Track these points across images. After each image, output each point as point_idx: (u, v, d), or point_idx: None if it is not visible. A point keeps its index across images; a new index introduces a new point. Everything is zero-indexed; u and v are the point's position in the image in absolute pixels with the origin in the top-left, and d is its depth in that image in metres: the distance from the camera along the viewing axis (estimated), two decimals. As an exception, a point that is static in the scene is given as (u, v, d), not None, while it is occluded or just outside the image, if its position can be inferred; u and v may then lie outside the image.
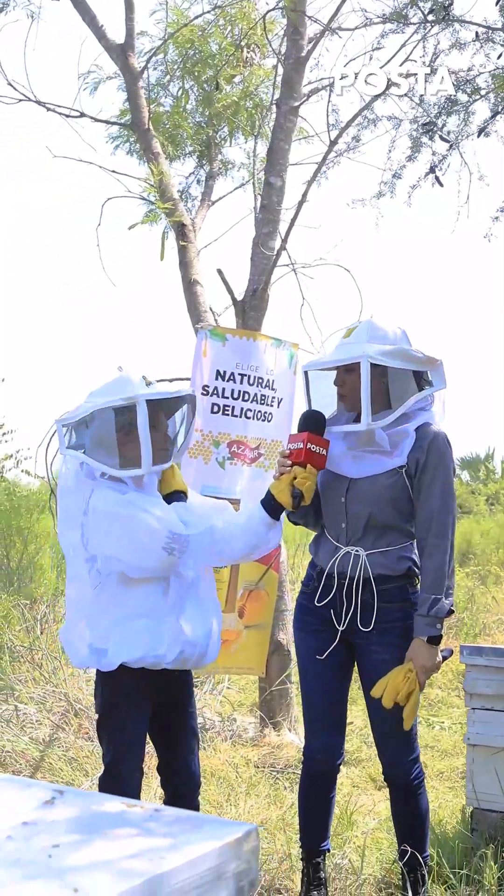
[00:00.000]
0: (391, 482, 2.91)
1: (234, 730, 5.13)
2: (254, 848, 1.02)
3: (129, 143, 6.36)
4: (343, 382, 2.97)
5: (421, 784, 2.99)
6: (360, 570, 2.91)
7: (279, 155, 4.96)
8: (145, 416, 2.73)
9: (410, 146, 4.01)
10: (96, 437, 2.81)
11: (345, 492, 2.95)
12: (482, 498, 19.31)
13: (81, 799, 1.12)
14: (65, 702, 4.58)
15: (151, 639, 2.75)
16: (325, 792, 3.07)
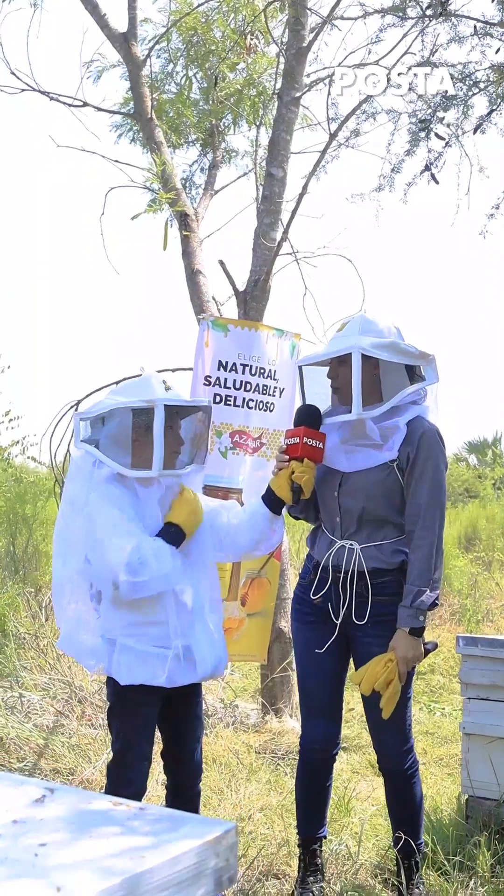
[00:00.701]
0: (383, 476, 2.95)
1: (236, 716, 5.19)
2: (232, 845, 1.06)
3: (133, 132, 6.38)
4: (336, 375, 3.01)
5: (415, 773, 3.04)
6: (355, 563, 2.96)
7: (280, 146, 4.97)
8: (162, 419, 2.79)
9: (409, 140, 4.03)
10: (112, 435, 2.87)
11: (338, 486, 3.00)
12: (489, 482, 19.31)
13: (71, 797, 1.17)
14: (68, 689, 4.65)
15: (158, 667, 2.82)
16: (321, 780, 3.13)
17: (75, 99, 5.82)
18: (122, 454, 2.86)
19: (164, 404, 2.80)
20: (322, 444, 2.95)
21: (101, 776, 3.68)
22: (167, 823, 1.07)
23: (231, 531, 2.99)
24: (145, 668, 2.83)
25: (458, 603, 8.60)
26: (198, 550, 2.99)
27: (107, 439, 2.88)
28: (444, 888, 2.99)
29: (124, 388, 2.98)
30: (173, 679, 2.84)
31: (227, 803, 3.94)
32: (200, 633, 2.90)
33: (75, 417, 2.97)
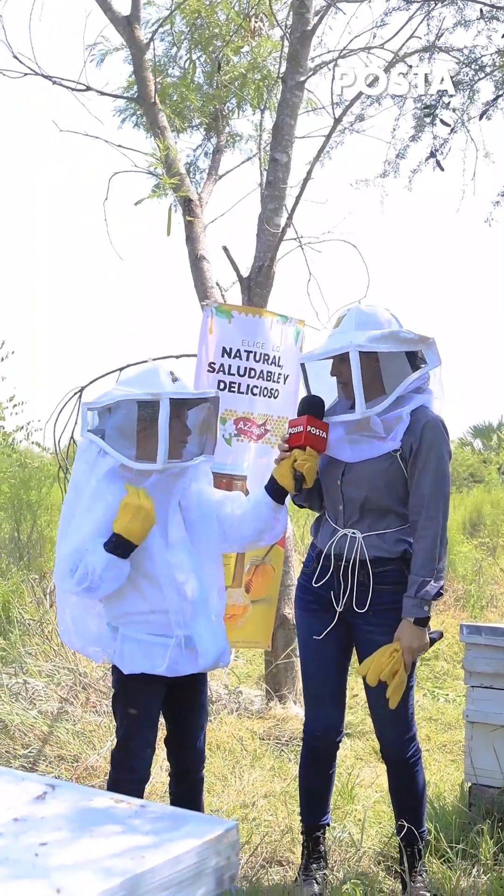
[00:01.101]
0: (385, 466, 2.94)
1: (240, 702, 5.20)
2: (234, 843, 1.06)
3: (136, 116, 6.34)
4: (339, 372, 3.01)
5: (417, 762, 3.04)
6: (357, 552, 2.95)
7: (284, 131, 4.93)
8: (167, 413, 2.78)
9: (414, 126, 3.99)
10: (117, 427, 2.88)
11: (340, 475, 2.99)
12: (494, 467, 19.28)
13: (72, 793, 1.16)
14: (73, 675, 4.66)
15: (159, 656, 2.83)
16: (324, 768, 3.14)
17: (78, 83, 5.77)
18: (126, 446, 2.86)
19: (169, 398, 2.80)
20: (325, 434, 2.95)
21: (105, 763, 3.69)
22: (168, 822, 1.07)
23: (235, 522, 3.00)
24: (146, 657, 2.84)
25: (462, 589, 8.60)
26: (203, 541, 2.99)
27: (112, 430, 2.89)
28: (446, 876, 3.00)
29: (132, 379, 2.98)
30: (174, 668, 2.84)
31: (230, 790, 3.96)
32: (203, 624, 2.90)
33: (83, 407, 2.98)
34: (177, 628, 2.85)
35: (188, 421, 2.99)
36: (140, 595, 2.87)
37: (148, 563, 2.87)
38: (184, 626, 2.86)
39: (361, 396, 2.88)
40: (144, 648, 2.85)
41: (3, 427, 8.97)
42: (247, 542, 3.06)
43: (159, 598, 2.86)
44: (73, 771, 3.70)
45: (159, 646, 2.85)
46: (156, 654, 2.85)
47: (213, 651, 2.91)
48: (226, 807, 3.77)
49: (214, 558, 3.04)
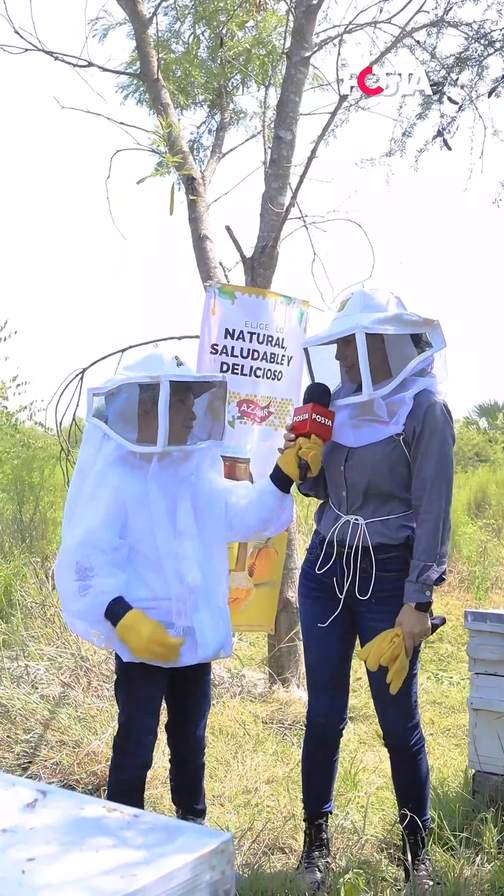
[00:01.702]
0: (389, 450, 2.91)
1: (243, 685, 5.19)
2: (229, 856, 1.02)
3: (139, 93, 6.24)
4: (344, 356, 2.97)
5: (421, 750, 3.02)
6: (359, 538, 2.92)
7: (289, 108, 4.85)
8: (167, 396, 2.76)
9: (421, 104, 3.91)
10: (119, 411, 2.87)
11: (344, 461, 2.96)
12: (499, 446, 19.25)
13: (64, 801, 1.13)
14: (75, 659, 4.64)
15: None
16: (327, 755, 3.11)
17: (80, 59, 5.67)
18: (128, 429, 2.85)
19: (169, 380, 2.77)
20: (331, 422, 2.91)
21: (107, 748, 3.68)
22: (161, 834, 1.03)
23: (240, 511, 2.97)
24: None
25: (466, 570, 8.58)
26: (211, 529, 2.96)
27: (114, 414, 2.88)
28: (450, 864, 2.98)
29: (135, 364, 2.98)
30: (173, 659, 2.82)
31: (233, 774, 3.94)
32: (205, 615, 2.88)
33: (88, 392, 2.97)
34: (178, 618, 2.82)
35: (195, 406, 2.96)
36: (143, 583, 2.85)
37: (153, 552, 2.84)
38: (185, 617, 2.83)
39: (368, 378, 2.84)
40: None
41: (6, 407, 8.93)
42: (252, 532, 3.03)
43: (162, 586, 2.83)
44: (74, 756, 3.68)
45: None
46: None
47: (214, 642, 2.88)
48: (228, 792, 3.76)
49: (221, 546, 3.01)
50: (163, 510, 2.83)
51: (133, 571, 2.84)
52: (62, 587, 2.84)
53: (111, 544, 2.78)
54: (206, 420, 3.03)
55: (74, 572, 2.75)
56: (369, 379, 2.83)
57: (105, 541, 2.76)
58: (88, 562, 2.73)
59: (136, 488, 2.83)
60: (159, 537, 2.82)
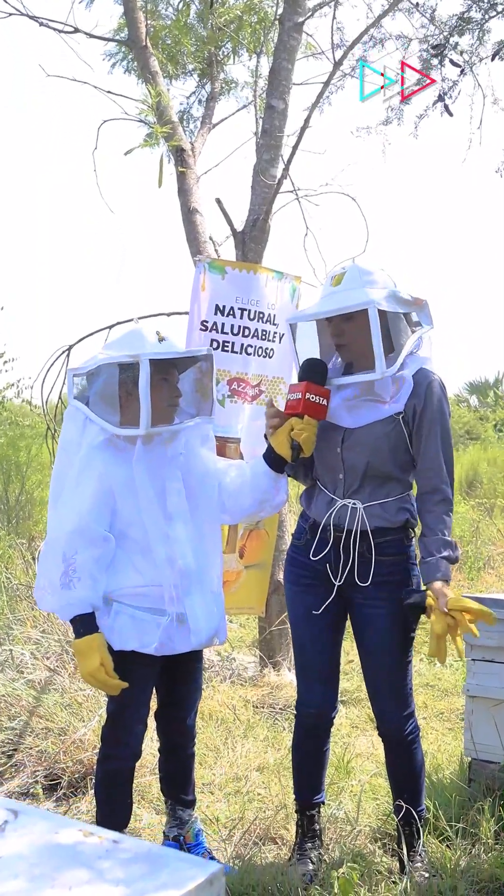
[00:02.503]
0: (389, 430, 2.81)
1: (233, 668, 5.10)
2: (219, 888, 0.92)
3: (127, 61, 6.07)
4: (342, 332, 2.83)
5: (416, 739, 2.93)
6: (358, 523, 2.82)
7: (282, 76, 4.69)
8: (147, 375, 2.64)
9: (420, 68, 3.76)
10: (100, 392, 2.76)
11: (340, 442, 2.84)
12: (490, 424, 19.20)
13: (37, 824, 1.02)
14: (61, 644, 4.54)
15: (150, 634, 2.73)
16: (318, 745, 3.02)
17: (66, 25, 5.50)
18: (109, 411, 2.73)
19: (148, 359, 2.65)
20: (326, 401, 2.78)
21: (94, 736, 3.58)
22: (144, 865, 0.92)
23: (234, 492, 2.86)
24: (138, 634, 2.73)
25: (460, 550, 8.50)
26: (203, 510, 2.85)
27: (95, 396, 2.76)
28: (446, 856, 2.90)
29: (115, 342, 2.86)
30: (166, 647, 2.73)
31: (223, 761, 3.86)
32: (198, 601, 2.78)
33: (69, 373, 2.83)
34: (170, 605, 2.73)
35: (180, 382, 2.85)
36: (134, 568, 2.75)
37: (142, 536, 2.74)
38: (177, 603, 2.73)
39: (382, 356, 2.72)
40: (136, 625, 2.74)
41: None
42: (246, 514, 2.92)
43: (153, 572, 2.74)
44: (60, 744, 3.59)
45: (151, 623, 2.73)
46: (147, 632, 2.73)
47: (207, 629, 2.79)
48: (218, 780, 3.67)
49: (214, 528, 2.91)
50: (150, 493, 2.73)
51: (124, 557, 2.75)
52: (45, 573, 2.75)
53: (100, 535, 2.68)
54: (194, 396, 2.91)
55: (62, 562, 2.66)
56: (382, 357, 2.72)
57: (93, 532, 2.67)
58: (74, 557, 2.65)
59: (122, 472, 2.72)
60: (148, 522, 2.72)
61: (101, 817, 2.86)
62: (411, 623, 2.86)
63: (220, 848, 3.12)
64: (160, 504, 2.75)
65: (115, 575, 2.75)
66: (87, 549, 2.66)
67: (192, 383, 2.92)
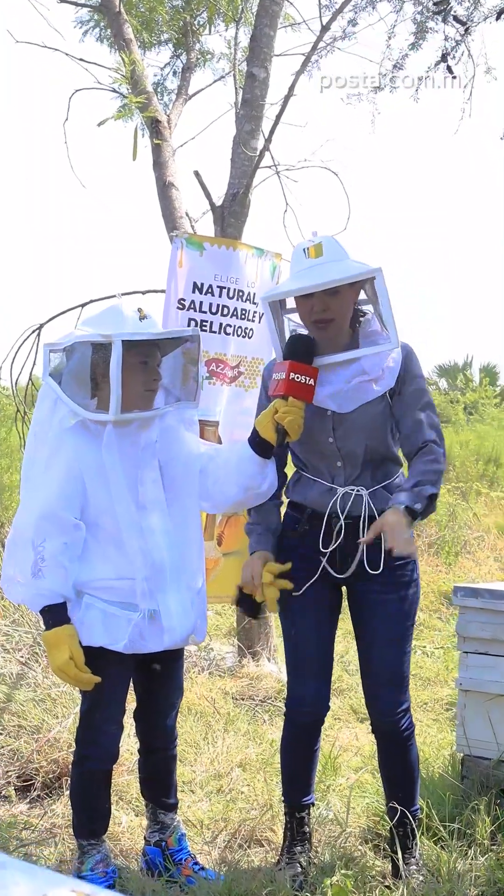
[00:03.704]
0: (381, 409, 2.68)
1: (210, 659, 4.95)
2: None
3: (100, 28, 5.84)
4: (326, 307, 2.65)
5: (412, 735, 2.80)
6: (366, 509, 2.67)
7: (263, 43, 4.50)
8: (119, 357, 2.47)
9: (414, 32, 3.57)
10: (73, 371, 2.57)
11: (331, 430, 2.68)
12: (460, 407, 19.15)
13: (21, 881, 0.85)
14: (33, 636, 4.36)
15: (120, 630, 2.58)
16: (309, 744, 2.88)
17: (35, -11, 5.26)
18: (81, 393, 2.55)
19: (122, 340, 2.46)
20: (313, 381, 2.59)
21: (69, 735, 3.41)
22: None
23: (219, 479, 2.69)
24: (107, 629, 2.57)
25: (435, 534, 8.40)
26: (183, 499, 2.68)
27: (68, 375, 2.57)
28: (442, 858, 2.77)
29: (93, 318, 2.67)
30: (136, 645, 2.57)
31: (203, 758, 3.71)
32: (173, 597, 2.61)
33: (45, 349, 2.64)
34: (142, 600, 2.56)
35: (162, 364, 2.67)
36: (106, 559, 2.58)
37: (113, 526, 2.56)
38: (150, 599, 2.57)
39: (394, 325, 2.59)
40: (106, 620, 2.57)
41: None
42: (231, 502, 2.74)
43: (126, 564, 2.57)
44: (33, 743, 3.41)
45: (122, 619, 2.57)
46: (117, 628, 2.57)
47: (182, 627, 2.63)
48: (198, 778, 3.52)
49: (196, 518, 2.74)
50: (122, 482, 2.55)
51: (96, 548, 2.58)
52: (13, 561, 2.60)
53: (69, 523, 2.52)
54: (176, 380, 2.73)
55: (31, 550, 2.50)
56: (395, 326, 2.59)
57: (62, 519, 2.52)
58: (43, 545, 2.49)
59: (93, 458, 2.55)
60: (119, 511, 2.55)
61: (78, 824, 2.70)
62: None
63: (205, 852, 2.97)
64: (132, 493, 2.58)
65: (86, 566, 2.59)
66: (55, 537, 2.51)
67: (175, 366, 2.74)
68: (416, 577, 2.78)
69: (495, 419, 16.72)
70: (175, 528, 2.66)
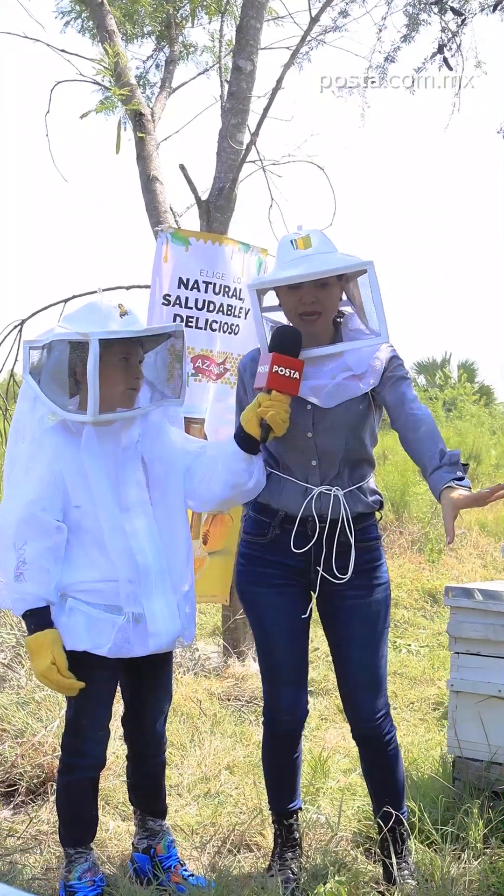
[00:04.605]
0: (363, 407, 2.63)
1: (196, 659, 4.90)
2: None
3: (81, 19, 5.76)
4: (315, 299, 2.59)
5: (394, 737, 2.74)
6: (342, 511, 2.62)
7: (250, 35, 4.43)
8: (96, 357, 2.39)
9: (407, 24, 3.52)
10: (51, 370, 2.50)
11: (311, 426, 2.61)
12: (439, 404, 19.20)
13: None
14: (15, 636, 4.28)
15: (103, 634, 2.52)
16: (290, 750, 2.81)
17: (15, -22, 5.18)
18: (59, 392, 2.48)
19: (98, 339, 2.39)
20: (299, 374, 2.51)
21: (54, 739, 3.34)
22: None
23: (206, 477, 2.62)
24: (91, 633, 2.51)
25: (418, 531, 8.39)
26: (170, 499, 2.62)
27: (46, 374, 2.50)
28: (435, 862, 2.73)
29: (73, 315, 2.59)
30: (120, 649, 2.51)
31: (190, 760, 3.65)
32: (159, 600, 2.55)
33: (24, 346, 2.58)
34: (127, 604, 2.50)
35: (146, 361, 2.60)
36: (90, 561, 2.52)
37: (96, 528, 2.50)
38: (134, 602, 2.50)
39: (385, 319, 2.54)
40: (91, 624, 2.51)
41: None
42: (218, 500, 2.66)
43: (110, 566, 2.50)
44: (17, 748, 3.34)
45: (106, 622, 2.51)
46: (101, 632, 2.51)
47: (168, 632, 2.56)
48: (185, 781, 3.47)
49: (182, 517, 2.67)
50: (103, 483, 2.49)
51: (80, 550, 2.52)
52: None
53: (50, 525, 2.47)
54: (160, 377, 2.66)
55: (13, 552, 2.45)
56: (385, 319, 2.54)
57: (43, 521, 2.46)
58: (24, 548, 2.43)
59: (73, 459, 2.49)
60: (101, 513, 2.49)
61: (64, 832, 2.63)
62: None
63: (194, 858, 2.92)
64: (114, 495, 2.51)
65: (70, 569, 2.53)
66: (36, 540, 2.45)
67: (159, 362, 2.67)
68: (386, 580, 2.73)
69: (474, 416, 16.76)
70: (161, 529, 2.60)
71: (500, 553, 8.01)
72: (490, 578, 7.54)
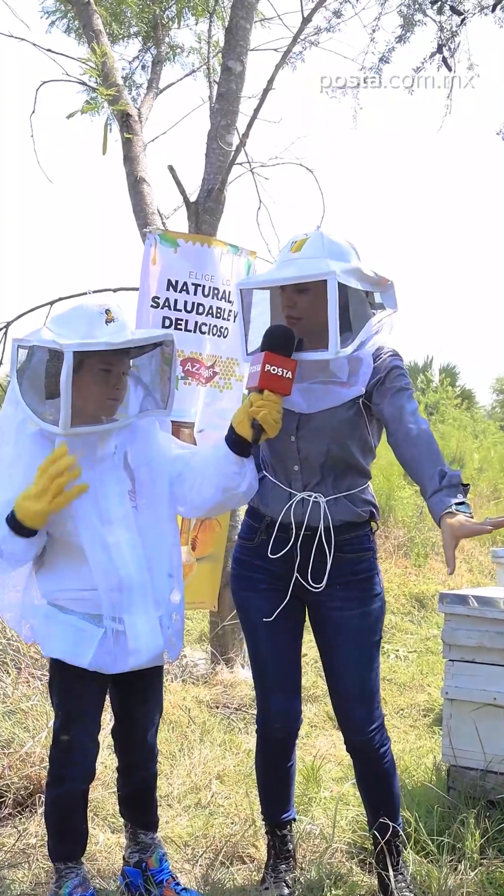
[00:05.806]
0: (350, 415, 2.55)
1: (183, 665, 4.84)
2: None
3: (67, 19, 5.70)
4: (294, 304, 2.53)
5: (388, 749, 2.69)
6: (323, 519, 2.56)
7: (239, 35, 4.39)
8: (69, 369, 2.29)
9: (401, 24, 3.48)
10: (31, 376, 2.43)
11: (295, 430, 2.56)
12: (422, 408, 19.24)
13: None
14: (2, 644, 4.21)
15: (84, 646, 2.45)
16: (284, 759, 2.76)
17: (1, -24, 5.12)
18: (36, 399, 2.41)
19: (73, 351, 2.30)
20: (291, 374, 2.44)
21: (43, 749, 3.28)
22: None
23: (197, 482, 2.54)
24: (72, 643, 2.45)
25: (404, 535, 8.36)
26: (156, 509, 2.54)
27: (26, 379, 2.43)
28: (432, 873, 2.69)
29: (59, 317, 2.49)
30: (100, 663, 2.44)
31: (180, 770, 3.59)
32: (141, 616, 2.46)
33: (13, 344, 2.49)
34: (108, 618, 2.44)
35: (128, 373, 2.51)
36: (73, 570, 2.45)
37: (76, 539, 2.43)
38: (115, 618, 2.44)
39: (336, 333, 2.40)
40: (74, 634, 2.45)
41: None
42: (210, 505, 2.58)
43: (92, 577, 2.44)
44: (4, 759, 3.27)
45: (88, 633, 2.44)
46: (83, 643, 2.44)
47: (149, 649, 2.48)
48: (176, 791, 3.41)
49: (170, 525, 2.60)
50: (82, 496, 2.40)
51: (62, 558, 2.47)
52: None
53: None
54: (150, 384, 2.58)
55: None
56: (337, 334, 2.40)
57: None
58: (1, 549, 2.37)
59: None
60: (81, 528, 2.41)
61: (54, 846, 2.56)
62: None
63: (185, 870, 2.86)
64: (95, 507, 2.43)
65: (53, 577, 2.48)
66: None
67: (147, 369, 2.60)
68: (380, 591, 2.67)
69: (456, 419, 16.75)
70: (147, 538, 2.50)
71: (487, 557, 8.00)
72: (476, 583, 7.52)
